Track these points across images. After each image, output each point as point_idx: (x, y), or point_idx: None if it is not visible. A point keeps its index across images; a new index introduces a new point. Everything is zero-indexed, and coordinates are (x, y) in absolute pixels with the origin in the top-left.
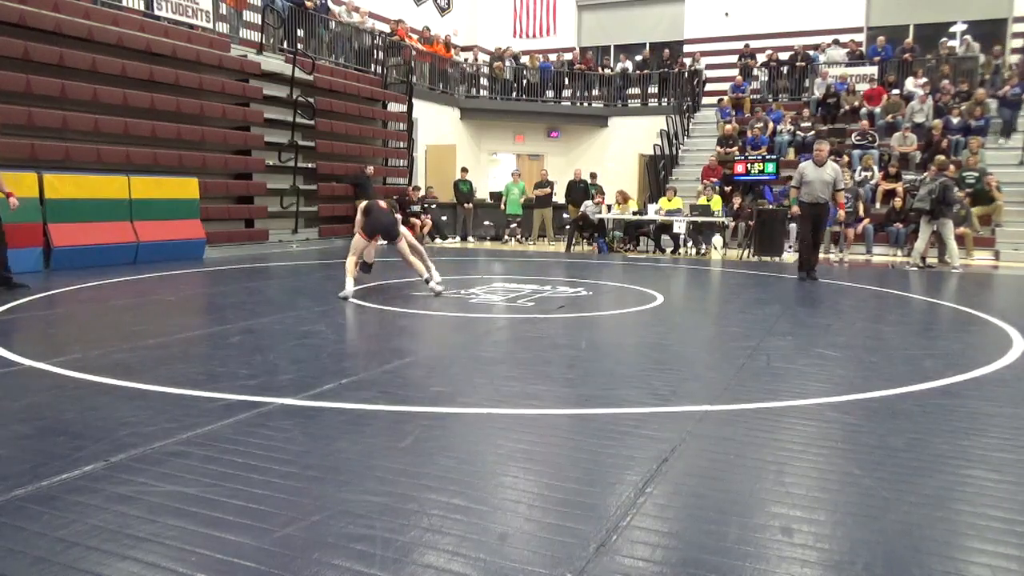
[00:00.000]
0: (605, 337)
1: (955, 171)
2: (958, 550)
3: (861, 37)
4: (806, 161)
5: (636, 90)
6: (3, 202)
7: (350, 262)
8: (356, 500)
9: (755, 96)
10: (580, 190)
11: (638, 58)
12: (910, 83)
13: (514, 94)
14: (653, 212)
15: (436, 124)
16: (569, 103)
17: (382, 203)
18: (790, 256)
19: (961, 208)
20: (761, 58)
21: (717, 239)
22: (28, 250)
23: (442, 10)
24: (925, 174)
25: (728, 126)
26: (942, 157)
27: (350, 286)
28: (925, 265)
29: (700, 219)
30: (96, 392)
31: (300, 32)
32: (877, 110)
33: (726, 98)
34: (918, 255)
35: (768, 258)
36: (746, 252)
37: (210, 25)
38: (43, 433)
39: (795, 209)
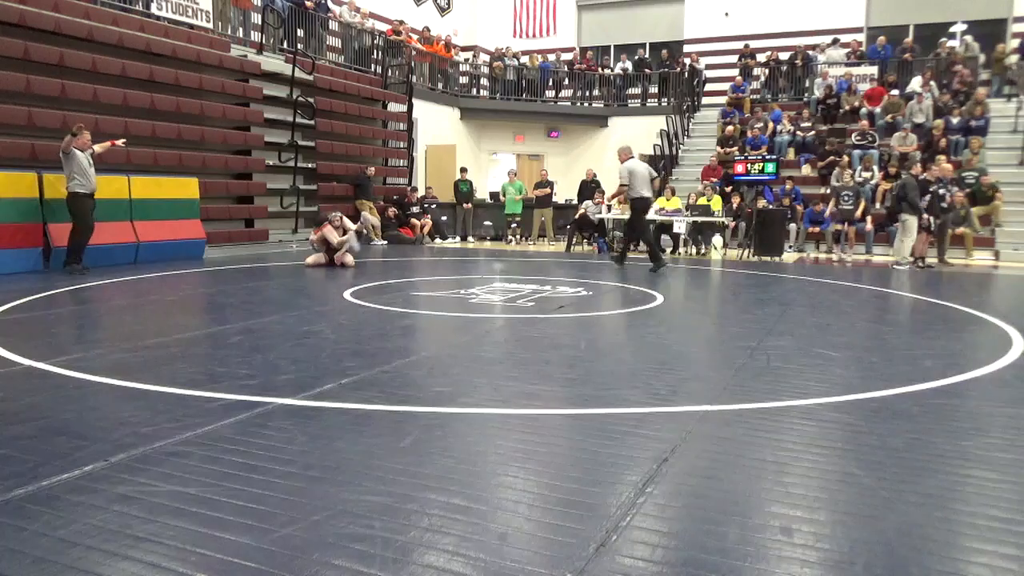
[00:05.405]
0: (605, 337)
1: (952, 170)
2: (958, 550)
3: (861, 37)
4: None
5: (636, 90)
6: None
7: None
8: (356, 500)
9: (755, 96)
10: (592, 190)
11: (637, 58)
12: (916, 83)
13: (514, 94)
14: (653, 212)
15: (436, 124)
16: (569, 103)
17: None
18: (790, 256)
19: (961, 208)
20: (761, 58)
21: (717, 239)
22: (28, 250)
23: (442, 10)
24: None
25: (729, 127)
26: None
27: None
28: (925, 265)
29: (700, 219)
30: (96, 392)
31: (300, 32)
32: (877, 110)
33: (727, 99)
34: (908, 255)
35: (768, 258)
36: (746, 252)
37: (210, 25)
38: (43, 433)
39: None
